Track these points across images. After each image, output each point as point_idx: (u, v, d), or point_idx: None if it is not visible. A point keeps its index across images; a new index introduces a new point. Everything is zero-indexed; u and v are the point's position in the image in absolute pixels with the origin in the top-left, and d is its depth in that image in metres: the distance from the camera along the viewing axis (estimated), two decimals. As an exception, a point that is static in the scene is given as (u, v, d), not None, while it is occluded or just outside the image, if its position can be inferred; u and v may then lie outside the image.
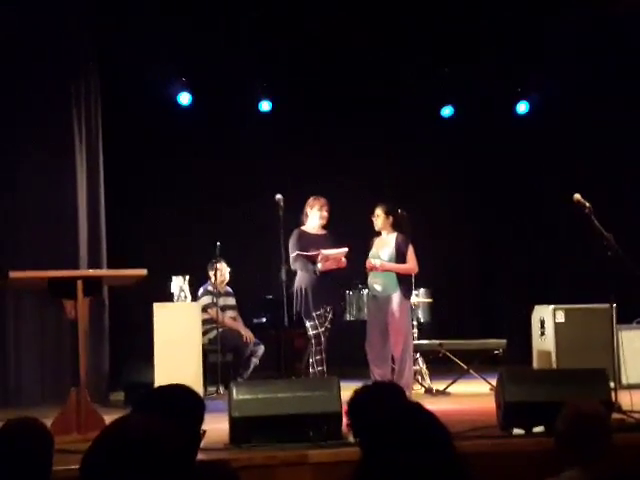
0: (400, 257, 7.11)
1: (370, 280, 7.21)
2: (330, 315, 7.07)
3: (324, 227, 7.32)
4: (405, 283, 7.12)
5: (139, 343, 7.97)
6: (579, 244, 10.00)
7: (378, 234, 7.32)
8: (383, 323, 7.05)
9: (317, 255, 7.01)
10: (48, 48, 7.79)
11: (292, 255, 7.14)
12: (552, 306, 7.94)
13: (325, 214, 7.20)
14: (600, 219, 6.07)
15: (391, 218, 7.21)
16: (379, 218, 7.21)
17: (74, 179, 7.81)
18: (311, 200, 7.27)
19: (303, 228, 7.26)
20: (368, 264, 7.15)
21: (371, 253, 7.20)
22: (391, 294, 7.04)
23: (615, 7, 8.38)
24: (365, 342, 7.28)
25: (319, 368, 6.94)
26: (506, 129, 11.02)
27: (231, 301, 8.59)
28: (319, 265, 7.01)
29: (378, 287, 7.13)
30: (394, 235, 7.21)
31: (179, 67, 9.53)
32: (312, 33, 9.42)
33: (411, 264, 7.14)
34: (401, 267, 7.10)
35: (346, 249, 7.07)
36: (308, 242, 7.13)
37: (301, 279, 7.14)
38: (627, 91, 9.82)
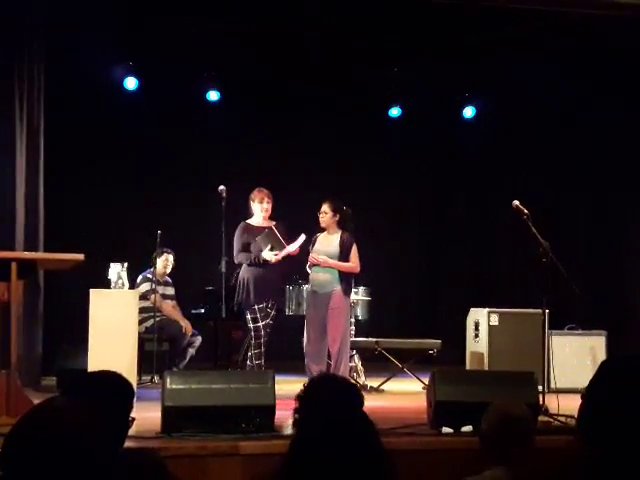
0: (344, 255, 7.11)
1: (312, 276, 7.20)
2: (273, 312, 7.02)
3: (272, 219, 7.26)
4: (346, 280, 7.12)
5: (74, 329, 7.85)
6: (518, 249, 10.19)
7: (321, 230, 7.32)
8: (322, 319, 7.06)
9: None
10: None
11: (236, 249, 7.08)
12: (487, 309, 8.06)
13: (266, 206, 7.09)
14: (541, 225, 6.19)
15: (338, 216, 7.21)
16: (326, 215, 7.18)
17: (13, 161, 7.66)
18: (253, 193, 7.18)
19: (248, 221, 7.18)
20: (311, 259, 7.13)
21: (315, 249, 7.19)
22: (332, 290, 7.05)
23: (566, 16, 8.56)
24: (302, 337, 7.30)
25: (257, 362, 6.92)
26: (453, 132, 11.16)
27: (170, 291, 8.55)
28: (267, 255, 6.95)
29: (319, 283, 7.12)
30: (339, 233, 7.22)
31: (126, 51, 9.42)
32: (264, 26, 9.41)
33: (354, 263, 7.15)
34: (344, 265, 7.10)
35: (303, 237, 7.06)
36: (253, 236, 7.08)
37: (245, 271, 7.09)
38: (572, 100, 10.01)
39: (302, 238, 7.07)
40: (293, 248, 7.02)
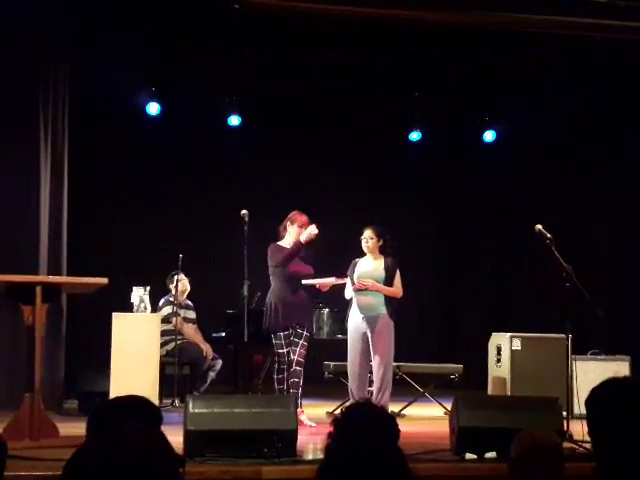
0: (389, 279, 7.08)
1: (360, 300, 7.10)
2: (301, 340, 6.90)
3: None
4: (392, 304, 7.09)
5: (96, 352, 7.89)
6: (541, 273, 10.13)
7: (361, 255, 7.24)
8: (367, 343, 7.02)
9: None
10: (19, 49, 7.73)
11: (276, 264, 7.04)
12: (509, 334, 8.01)
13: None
14: (562, 249, 6.16)
15: (381, 241, 7.20)
16: (372, 241, 7.14)
17: (37, 184, 7.74)
18: (293, 214, 7.14)
19: (279, 243, 7.13)
20: (359, 284, 7.07)
21: (360, 273, 7.12)
22: (379, 314, 7.00)
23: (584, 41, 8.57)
24: (322, 360, 7.25)
25: (279, 387, 6.90)
26: (473, 156, 11.15)
27: (191, 314, 8.55)
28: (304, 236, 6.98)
29: (367, 306, 7.07)
30: (382, 258, 7.18)
31: (149, 76, 9.52)
32: (284, 50, 9.49)
33: (398, 288, 7.14)
34: (390, 290, 7.07)
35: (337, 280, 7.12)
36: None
37: (272, 295, 7.06)
38: (593, 122, 9.99)
39: (336, 280, 7.14)
40: (333, 282, 7.04)
